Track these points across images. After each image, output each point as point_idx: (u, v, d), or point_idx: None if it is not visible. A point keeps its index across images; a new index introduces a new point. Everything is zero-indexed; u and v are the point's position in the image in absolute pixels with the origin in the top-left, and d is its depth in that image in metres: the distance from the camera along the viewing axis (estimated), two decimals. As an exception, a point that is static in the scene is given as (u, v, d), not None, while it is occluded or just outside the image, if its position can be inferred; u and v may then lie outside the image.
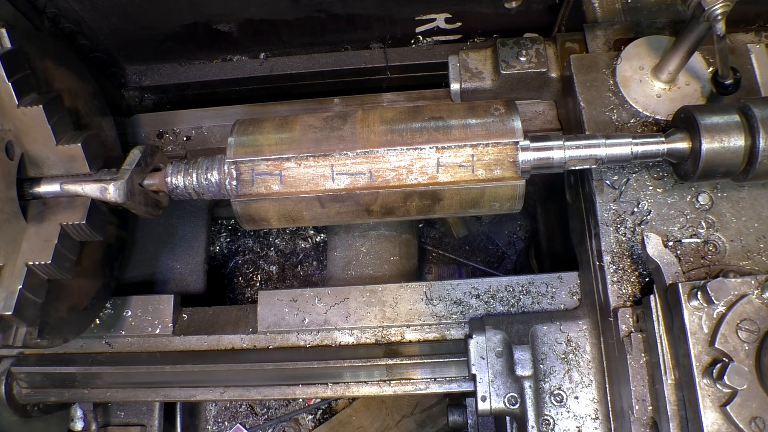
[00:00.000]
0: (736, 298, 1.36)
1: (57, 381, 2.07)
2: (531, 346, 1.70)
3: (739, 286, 1.37)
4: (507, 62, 2.04)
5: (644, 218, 1.66)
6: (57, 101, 1.62)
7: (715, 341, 1.33)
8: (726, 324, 1.34)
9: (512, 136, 1.51)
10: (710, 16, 1.43)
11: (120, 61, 2.46)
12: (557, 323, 1.75)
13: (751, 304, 1.35)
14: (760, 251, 1.61)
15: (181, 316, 2.11)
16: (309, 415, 3.02)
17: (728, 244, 1.63)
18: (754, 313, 1.34)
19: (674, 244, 1.63)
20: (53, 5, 2.04)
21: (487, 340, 1.73)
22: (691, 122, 1.51)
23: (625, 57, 1.83)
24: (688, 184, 1.68)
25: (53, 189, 1.60)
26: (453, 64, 2.11)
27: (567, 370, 1.71)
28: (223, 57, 2.48)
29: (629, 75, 1.80)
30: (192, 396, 2.09)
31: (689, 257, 1.62)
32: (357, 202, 1.57)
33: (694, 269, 1.61)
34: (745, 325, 1.34)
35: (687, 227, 1.65)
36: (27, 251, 1.52)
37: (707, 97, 1.75)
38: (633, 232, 1.66)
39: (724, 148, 1.48)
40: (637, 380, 1.50)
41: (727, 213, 1.66)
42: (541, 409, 1.67)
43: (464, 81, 2.09)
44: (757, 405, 1.27)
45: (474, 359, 1.73)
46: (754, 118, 1.46)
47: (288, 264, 3.16)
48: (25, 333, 1.57)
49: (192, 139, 2.34)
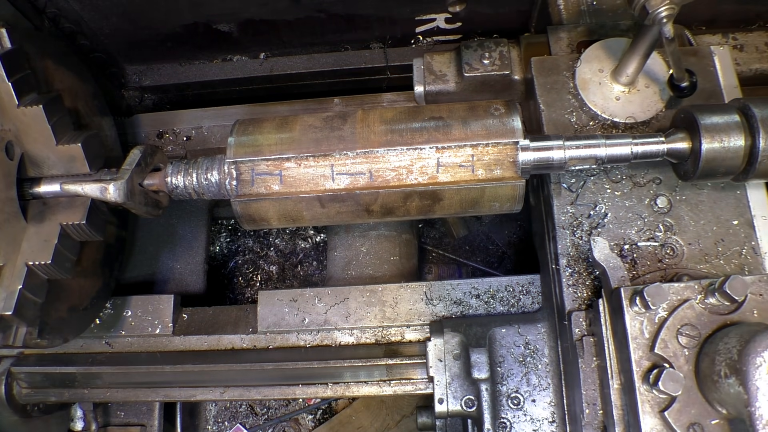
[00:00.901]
0: (678, 303, 1.34)
1: (57, 381, 2.07)
2: (488, 348, 1.69)
3: (682, 291, 1.35)
4: (470, 65, 2.03)
5: (600, 221, 1.65)
6: (57, 101, 1.62)
7: (655, 346, 1.31)
8: (666, 329, 1.32)
9: (512, 136, 1.51)
10: (655, 19, 1.41)
11: (120, 61, 2.46)
12: (516, 326, 1.74)
13: (693, 310, 1.33)
14: (718, 254, 1.60)
15: (181, 316, 2.11)
16: (309, 415, 3.02)
17: (686, 248, 1.61)
18: (695, 319, 1.33)
19: (630, 248, 1.62)
20: (53, 5, 2.04)
21: (445, 342, 1.73)
22: (691, 122, 1.51)
23: (584, 59, 1.82)
24: (647, 187, 1.67)
25: (53, 189, 1.60)
26: (417, 66, 2.11)
27: (525, 373, 1.70)
28: (223, 57, 2.48)
29: (588, 77, 1.79)
30: (192, 396, 2.09)
31: (646, 261, 1.61)
32: (357, 202, 1.57)
33: (650, 273, 1.59)
34: (685, 331, 1.32)
35: (644, 230, 1.63)
36: (27, 251, 1.52)
37: (666, 100, 1.74)
38: (589, 235, 1.64)
39: (724, 148, 1.47)
40: (588, 384, 1.50)
41: (686, 216, 1.64)
42: (498, 411, 1.67)
43: (428, 83, 2.08)
44: (696, 411, 1.26)
45: (432, 362, 1.73)
46: (754, 118, 1.46)
47: (288, 264, 3.16)
48: (25, 333, 1.57)
49: (192, 139, 2.34)
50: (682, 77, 1.63)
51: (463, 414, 1.71)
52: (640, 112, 1.74)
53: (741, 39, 2.18)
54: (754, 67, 2.15)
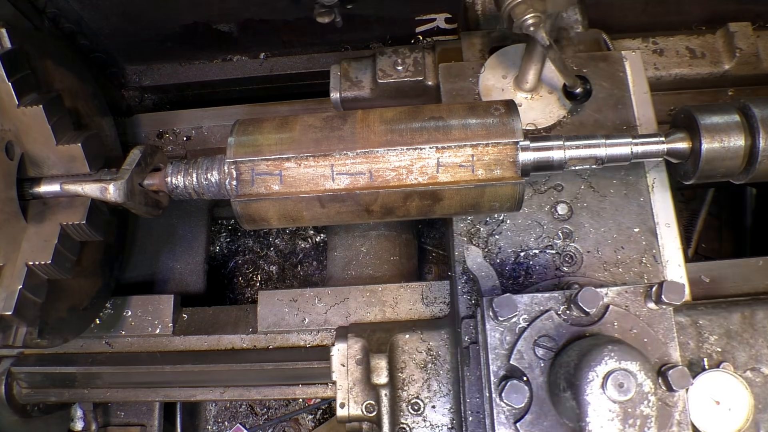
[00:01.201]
0: (538, 313, 1.32)
1: (57, 381, 2.07)
2: (390, 354, 1.68)
3: (545, 302, 1.32)
4: (384, 71, 2.05)
5: (497, 228, 1.64)
6: (57, 101, 1.62)
7: (511, 357, 1.29)
8: (524, 340, 1.30)
9: (512, 136, 1.51)
10: (522, 27, 1.39)
11: (120, 61, 2.46)
12: (419, 332, 1.73)
13: (552, 320, 1.30)
14: (617, 263, 1.59)
15: (181, 316, 2.11)
16: (309, 415, 3.02)
17: (585, 256, 1.60)
18: (553, 330, 1.30)
19: (526, 255, 1.61)
20: (53, 5, 2.04)
21: (348, 347, 1.73)
22: (691, 122, 1.51)
23: (488, 66, 1.81)
24: (548, 194, 1.67)
25: (53, 189, 1.60)
26: (334, 73, 2.13)
27: (426, 379, 1.69)
28: (223, 57, 2.48)
29: (491, 84, 1.78)
30: (192, 396, 2.09)
31: (543, 269, 1.60)
32: (357, 202, 1.57)
33: (546, 280, 1.58)
34: (543, 342, 1.29)
35: (543, 238, 1.62)
36: (27, 251, 1.52)
37: (569, 107, 1.74)
38: (486, 242, 1.64)
39: (724, 148, 1.47)
40: (472, 392, 1.50)
41: (587, 224, 1.63)
42: (398, 417, 1.66)
43: (344, 90, 2.10)
44: (548, 423, 1.24)
45: (335, 366, 1.73)
46: (754, 118, 1.46)
47: (288, 264, 3.16)
48: (25, 333, 1.57)
49: (192, 139, 2.34)
50: (574, 84, 1.62)
51: (363, 418, 1.70)
52: (542, 118, 1.73)
53: (662, 43, 2.15)
54: (674, 71, 2.12)
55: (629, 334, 1.28)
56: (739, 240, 2.84)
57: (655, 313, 1.30)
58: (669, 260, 1.63)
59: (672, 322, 1.29)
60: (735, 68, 2.11)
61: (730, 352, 1.45)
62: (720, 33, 2.15)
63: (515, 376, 1.27)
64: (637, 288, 1.31)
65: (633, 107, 1.76)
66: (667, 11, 2.32)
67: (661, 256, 1.61)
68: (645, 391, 1.13)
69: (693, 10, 2.32)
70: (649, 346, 1.27)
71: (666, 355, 1.27)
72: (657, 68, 2.12)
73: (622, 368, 1.13)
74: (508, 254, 1.62)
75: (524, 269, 1.60)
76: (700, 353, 1.45)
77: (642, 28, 2.32)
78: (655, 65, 2.13)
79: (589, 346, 1.19)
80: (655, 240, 1.62)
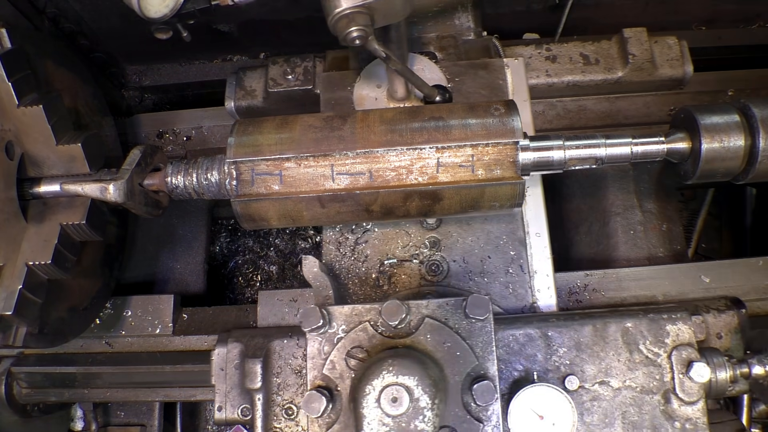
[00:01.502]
0: (355, 324, 1.32)
1: (57, 381, 2.07)
2: (265, 359, 1.68)
3: (365, 313, 1.33)
4: (275, 80, 2.06)
5: (362, 237, 1.63)
6: (57, 101, 1.62)
7: (325, 367, 1.30)
8: (337, 350, 1.31)
9: (512, 136, 1.51)
10: (347, 41, 1.34)
11: (120, 61, 2.46)
12: (295, 338, 1.72)
13: (365, 332, 1.31)
14: (483, 272, 1.59)
15: (181, 316, 2.11)
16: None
17: (451, 264, 1.60)
18: (366, 341, 1.31)
19: (391, 264, 1.60)
20: (53, 5, 2.04)
21: (227, 352, 1.73)
22: (691, 122, 1.51)
23: (363, 76, 1.81)
24: None
25: (53, 189, 1.60)
26: (230, 82, 2.15)
27: (301, 384, 1.67)
28: (223, 57, 2.48)
29: (365, 93, 1.78)
30: (192, 396, 2.08)
31: (407, 277, 1.59)
32: (357, 202, 1.57)
33: (407, 289, 1.58)
34: (355, 353, 1.30)
35: (410, 246, 1.62)
36: (27, 251, 1.52)
37: None
38: (353, 250, 1.63)
39: (723, 148, 1.47)
40: None
41: (455, 233, 1.63)
42: (271, 421, 1.65)
43: (238, 99, 2.13)
44: None
45: (214, 370, 1.73)
46: (754, 118, 1.46)
47: (288, 264, 3.16)
48: (25, 333, 1.57)
49: (192, 139, 2.34)
50: (430, 93, 1.61)
51: (239, 422, 1.70)
52: None
53: (555, 49, 2.12)
54: (567, 78, 2.10)
55: (442, 347, 1.29)
56: (739, 240, 2.84)
57: (475, 327, 1.30)
58: (537, 270, 1.62)
59: (491, 336, 1.29)
60: (628, 74, 2.08)
61: (579, 365, 1.40)
62: (615, 39, 2.12)
63: (330, 386, 1.29)
64: (458, 301, 1.32)
65: None
66: (667, 11, 2.32)
67: (529, 266, 1.61)
68: (420, 407, 1.15)
69: (693, 10, 2.32)
70: (461, 360, 1.28)
71: (483, 369, 1.28)
72: (549, 75, 2.09)
73: (398, 383, 1.15)
74: (374, 262, 1.62)
75: (387, 278, 1.60)
76: (547, 365, 1.40)
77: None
78: (547, 72, 2.10)
79: (375, 360, 1.21)
80: (524, 250, 1.62)
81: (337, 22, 1.29)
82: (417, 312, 1.33)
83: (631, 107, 2.19)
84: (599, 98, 2.19)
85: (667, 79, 2.09)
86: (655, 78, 2.08)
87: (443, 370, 1.28)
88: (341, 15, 1.27)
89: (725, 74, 2.27)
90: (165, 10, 1.54)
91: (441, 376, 1.26)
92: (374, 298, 1.61)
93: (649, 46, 2.07)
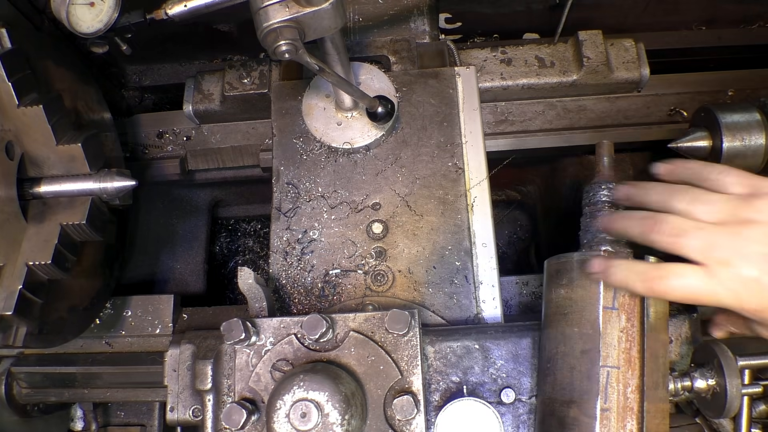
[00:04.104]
0: (282, 337, 1.31)
1: (57, 381, 2.07)
2: (216, 361, 1.68)
3: (293, 325, 1.32)
4: (231, 84, 2.07)
5: (308, 246, 1.63)
6: (57, 101, 1.62)
7: (251, 379, 1.30)
8: (263, 363, 1.30)
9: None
10: (277, 54, 1.30)
11: (120, 61, 2.46)
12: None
13: (291, 345, 1.31)
14: (428, 283, 1.57)
15: (181, 316, 2.11)
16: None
17: (396, 275, 1.58)
18: (291, 354, 1.30)
19: (336, 274, 1.59)
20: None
21: (180, 353, 1.73)
22: (711, 120, 1.51)
23: (313, 85, 1.80)
24: (364, 213, 1.65)
25: (53, 189, 1.60)
26: (188, 86, 2.17)
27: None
28: (223, 57, 2.48)
29: (314, 103, 1.77)
30: (192, 396, 2.08)
31: (353, 288, 1.59)
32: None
33: (349, 300, 1.57)
34: (281, 365, 1.30)
35: (356, 257, 1.61)
36: (27, 251, 1.52)
37: (388, 125, 1.71)
38: (299, 260, 1.62)
39: (745, 146, 1.47)
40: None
41: (401, 243, 1.61)
42: (220, 422, 1.59)
43: (195, 102, 2.16)
44: None
45: (167, 371, 1.72)
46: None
47: (288, 264, 3.16)
48: (25, 333, 1.57)
49: (192, 139, 2.34)
50: (371, 104, 1.60)
51: (191, 423, 1.69)
52: (359, 137, 1.72)
53: (511, 53, 2.12)
54: (522, 81, 2.10)
55: (366, 360, 1.28)
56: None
57: (401, 340, 1.29)
58: (483, 281, 1.60)
59: (417, 350, 1.28)
60: (583, 77, 2.08)
61: (516, 378, 1.37)
62: (571, 41, 2.12)
63: (256, 399, 1.29)
64: (384, 314, 1.30)
65: (460, 124, 1.74)
66: (667, 11, 2.32)
67: (474, 277, 1.58)
68: (330, 422, 1.14)
69: (693, 10, 2.32)
70: (384, 374, 1.27)
71: (407, 383, 1.27)
72: (504, 78, 2.10)
73: (308, 398, 1.15)
74: (319, 272, 1.61)
75: (332, 288, 1.59)
76: (484, 378, 1.37)
77: (642, 29, 2.32)
78: (502, 75, 2.10)
79: (288, 375, 1.21)
80: (470, 260, 1.60)
81: (265, 37, 1.28)
82: (344, 325, 1.32)
83: (632, 107, 2.19)
84: (599, 98, 2.19)
85: (623, 81, 2.09)
86: (611, 81, 2.08)
87: (365, 385, 1.27)
88: (269, 29, 1.26)
89: (725, 74, 2.26)
90: (99, 25, 1.53)
91: (359, 390, 1.25)
92: (318, 308, 1.60)
93: (604, 48, 2.07)
